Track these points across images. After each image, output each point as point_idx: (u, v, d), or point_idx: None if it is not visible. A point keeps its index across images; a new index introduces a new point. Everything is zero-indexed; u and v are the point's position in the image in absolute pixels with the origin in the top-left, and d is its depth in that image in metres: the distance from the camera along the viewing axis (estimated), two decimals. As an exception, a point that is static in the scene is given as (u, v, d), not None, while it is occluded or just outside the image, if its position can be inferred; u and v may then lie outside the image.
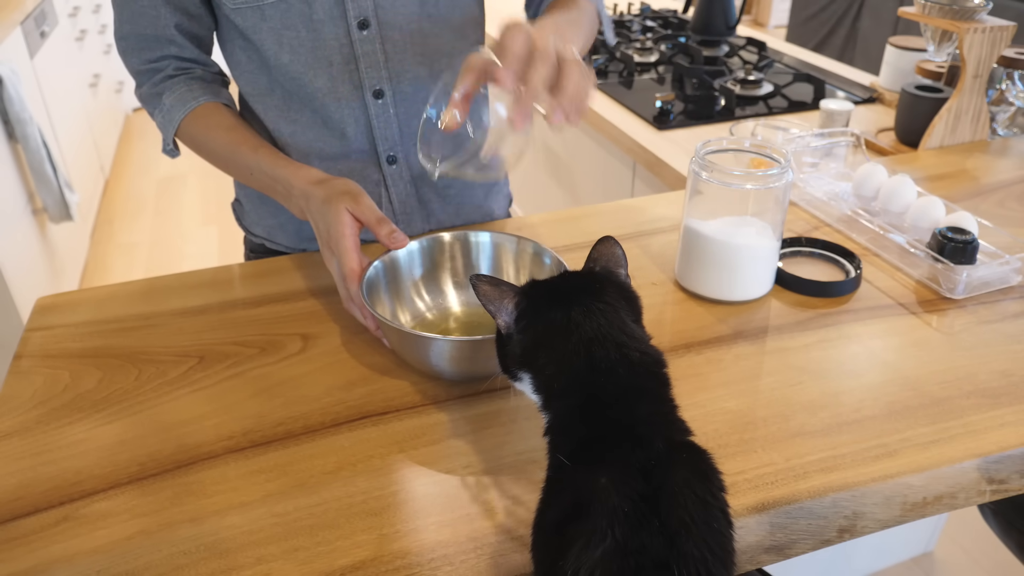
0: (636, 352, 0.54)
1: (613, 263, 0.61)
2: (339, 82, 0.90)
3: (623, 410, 0.51)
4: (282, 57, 0.88)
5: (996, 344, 0.79)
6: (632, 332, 0.55)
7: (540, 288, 0.59)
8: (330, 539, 0.59)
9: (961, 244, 0.88)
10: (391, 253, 0.81)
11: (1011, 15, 1.34)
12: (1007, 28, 1.19)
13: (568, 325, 0.54)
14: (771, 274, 0.88)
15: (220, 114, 0.91)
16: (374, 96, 0.92)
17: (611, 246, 0.61)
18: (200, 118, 0.91)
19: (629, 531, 0.44)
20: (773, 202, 0.83)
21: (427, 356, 0.71)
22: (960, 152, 1.25)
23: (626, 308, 0.57)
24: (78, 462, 0.67)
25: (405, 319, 0.83)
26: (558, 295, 0.57)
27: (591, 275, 0.60)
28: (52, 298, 0.90)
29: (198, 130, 0.91)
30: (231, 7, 0.86)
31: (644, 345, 0.55)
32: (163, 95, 0.91)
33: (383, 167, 0.97)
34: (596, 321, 0.54)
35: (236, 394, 0.74)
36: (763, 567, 0.71)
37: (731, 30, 1.89)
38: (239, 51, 0.92)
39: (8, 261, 2.05)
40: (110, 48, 3.83)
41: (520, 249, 0.83)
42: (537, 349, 0.56)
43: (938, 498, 0.65)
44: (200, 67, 0.94)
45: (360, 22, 0.87)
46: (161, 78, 0.92)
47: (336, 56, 0.88)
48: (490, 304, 0.58)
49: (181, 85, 0.92)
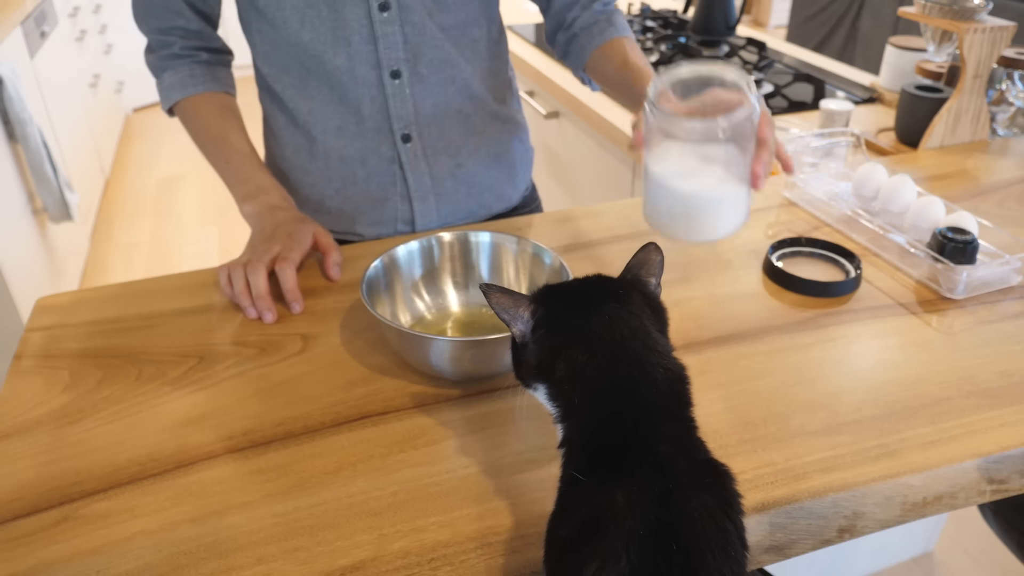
0: (660, 368, 0.51)
1: (647, 271, 0.58)
2: (357, 61, 0.92)
3: (644, 431, 0.49)
4: (303, 35, 0.91)
5: (996, 344, 0.79)
6: (655, 345, 0.53)
7: (558, 294, 0.56)
8: (330, 539, 0.59)
9: (961, 244, 0.88)
10: (390, 253, 0.82)
11: (1011, 15, 1.34)
12: (1007, 28, 1.19)
13: (588, 335, 0.52)
14: (737, 215, 0.76)
15: (215, 103, 0.99)
16: (391, 76, 0.94)
17: (649, 252, 0.58)
18: (194, 104, 0.99)
19: (645, 555, 0.43)
20: (738, 136, 0.73)
21: (427, 356, 0.71)
22: (960, 152, 1.25)
23: (650, 317, 0.54)
24: (78, 462, 0.67)
25: (405, 319, 0.83)
26: (577, 302, 0.55)
27: (614, 281, 0.57)
28: (52, 298, 0.90)
29: (191, 114, 0.99)
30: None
31: (668, 360, 0.53)
32: (165, 72, 0.99)
33: (397, 145, 0.99)
34: (619, 331, 0.52)
35: (236, 394, 0.74)
36: (763, 567, 0.71)
37: (731, 30, 1.89)
38: (257, 32, 0.96)
39: (8, 261, 2.05)
40: (110, 48, 3.83)
41: (520, 249, 0.83)
42: (554, 360, 0.53)
43: (938, 498, 0.65)
44: (205, 50, 1.00)
45: (381, 4, 0.90)
46: (167, 55, 0.99)
47: (355, 36, 0.91)
48: (504, 313, 0.55)
49: (183, 69, 0.98)
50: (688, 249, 0.97)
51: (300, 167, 1.02)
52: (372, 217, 1.03)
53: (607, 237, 1.00)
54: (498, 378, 0.75)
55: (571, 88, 1.69)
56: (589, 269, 0.92)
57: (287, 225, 0.90)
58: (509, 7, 2.44)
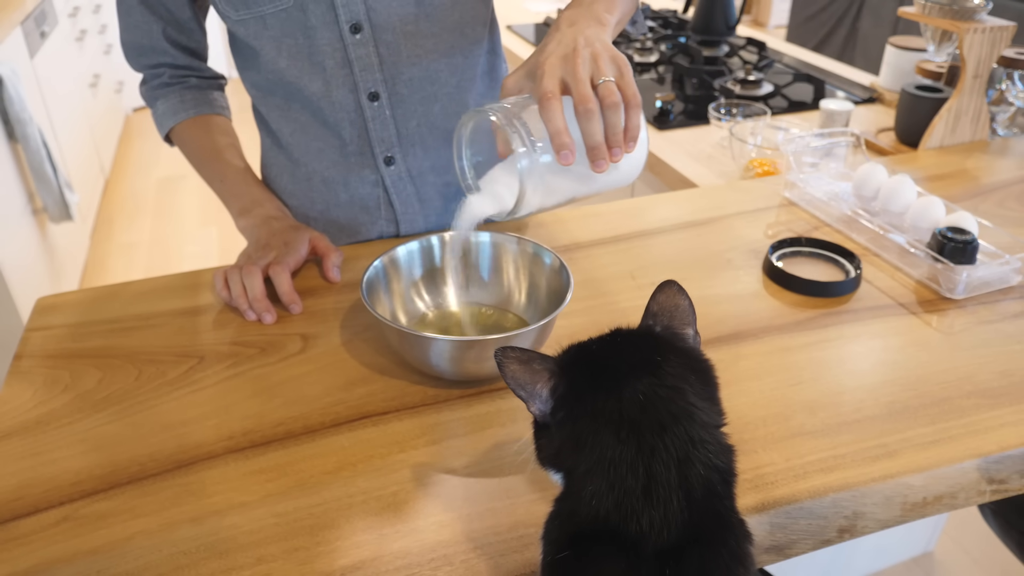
0: (701, 467, 0.43)
1: (678, 320, 0.50)
2: (333, 86, 0.91)
3: (669, 557, 0.41)
4: (280, 63, 0.90)
5: (996, 344, 0.79)
6: (700, 432, 0.44)
7: (583, 363, 0.47)
8: (330, 539, 0.59)
9: (961, 244, 0.88)
10: (390, 253, 0.82)
11: (1011, 15, 1.34)
12: (1007, 28, 1.19)
13: (619, 423, 0.43)
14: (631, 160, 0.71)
15: (206, 126, 0.99)
16: (369, 99, 0.92)
17: (674, 296, 0.50)
18: (187, 129, 0.99)
19: None
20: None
21: (427, 356, 0.71)
22: (960, 152, 1.25)
23: (696, 385, 0.46)
24: (78, 462, 0.67)
25: (404, 319, 0.83)
26: (607, 374, 0.46)
27: (648, 341, 0.48)
28: (52, 298, 0.90)
29: (185, 139, 1.00)
30: (235, 19, 0.87)
31: (713, 449, 0.44)
32: (157, 101, 1.00)
33: (380, 168, 0.97)
34: (657, 416, 0.43)
35: (236, 394, 0.74)
36: (763, 567, 0.71)
37: (731, 30, 1.89)
38: (244, 58, 0.95)
39: (8, 261, 2.05)
40: (110, 48, 3.83)
41: (520, 249, 0.83)
42: (578, 453, 0.44)
43: (938, 498, 0.65)
44: (195, 75, 1.01)
45: (352, 26, 0.87)
46: (158, 84, 1.00)
47: (329, 61, 0.89)
48: (520, 390, 0.47)
49: (174, 96, 0.99)
50: (688, 249, 0.97)
51: (284, 188, 1.02)
52: (358, 237, 1.02)
53: (607, 237, 1.00)
54: (498, 379, 0.75)
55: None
56: (589, 269, 0.92)
57: (283, 234, 0.91)
58: (509, 7, 2.44)
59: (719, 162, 1.34)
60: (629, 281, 0.90)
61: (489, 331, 0.67)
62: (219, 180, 0.98)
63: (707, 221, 1.04)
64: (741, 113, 1.43)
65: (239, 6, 0.86)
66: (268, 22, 0.86)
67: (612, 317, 0.85)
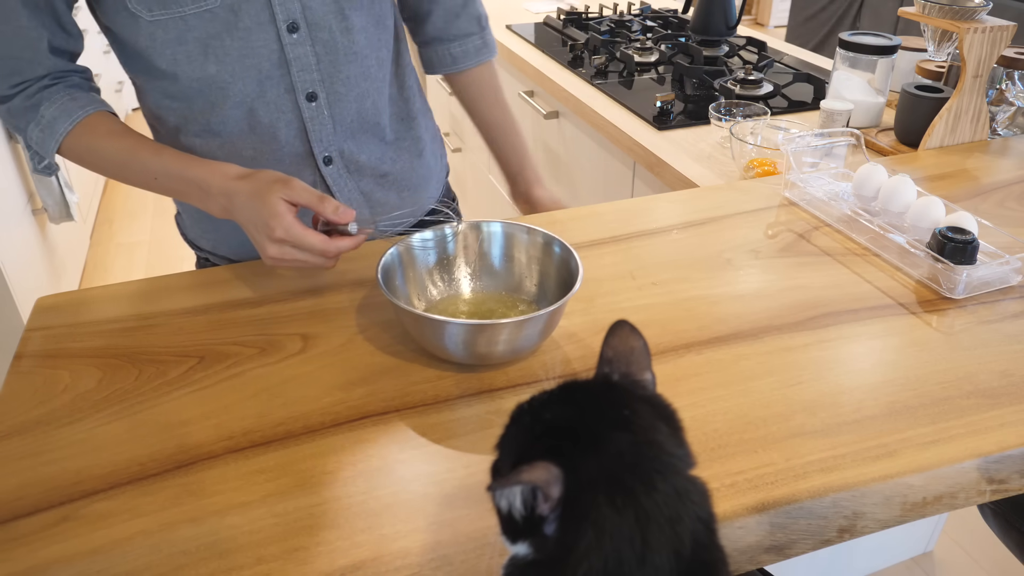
0: (689, 521, 0.42)
1: (635, 365, 0.47)
2: (268, 87, 0.88)
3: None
4: (208, 68, 0.85)
5: (996, 344, 0.79)
6: (685, 484, 0.43)
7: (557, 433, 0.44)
8: (330, 539, 0.59)
9: (961, 244, 0.88)
10: (404, 242, 0.84)
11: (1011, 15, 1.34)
12: (1007, 28, 1.19)
13: (612, 489, 0.41)
14: None
15: (110, 121, 0.87)
16: (307, 99, 0.91)
17: (627, 338, 0.48)
18: (88, 128, 0.85)
19: None
20: None
21: (441, 339, 0.74)
22: (960, 152, 1.25)
23: (664, 432, 0.44)
24: (78, 462, 0.67)
25: (419, 305, 0.85)
26: (580, 434, 0.43)
27: (611, 392, 0.46)
28: (52, 298, 0.90)
29: (88, 140, 0.86)
30: (149, 19, 0.81)
31: (697, 499, 0.43)
32: (40, 106, 0.85)
33: (320, 168, 0.96)
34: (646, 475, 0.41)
35: (236, 394, 0.74)
36: (763, 567, 0.71)
37: (731, 30, 1.89)
38: (145, 73, 0.88)
39: (8, 261, 2.05)
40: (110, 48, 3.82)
41: (531, 240, 0.86)
42: (575, 528, 0.41)
43: (938, 498, 0.65)
44: (77, 75, 0.89)
45: (289, 25, 0.85)
46: (36, 89, 0.85)
47: (265, 62, 0.87)
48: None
49: (61, 94, 0.85)
50: (688, 249, 0.97)
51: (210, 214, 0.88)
52: None
53: (607, 237, 1.00)
54: (510, 362, 0.75)
55: (571, 88, 1.69)
56: (589, 269, 0.92)
57: (261, 220, 0.78)
58: (509, 7, 2.44)
59: (719, 162, 1.34)
60: (629, 281, 0.90)
61: (501, 316, 0.69)
62: (152, 179, 0.85)
63: (707, 221, 1.04)
64: (741, 113, 1.43)
65: (154, 6, 0.81)
66: (190, 23, 0.82)
67: (612, 317, 0.84)
